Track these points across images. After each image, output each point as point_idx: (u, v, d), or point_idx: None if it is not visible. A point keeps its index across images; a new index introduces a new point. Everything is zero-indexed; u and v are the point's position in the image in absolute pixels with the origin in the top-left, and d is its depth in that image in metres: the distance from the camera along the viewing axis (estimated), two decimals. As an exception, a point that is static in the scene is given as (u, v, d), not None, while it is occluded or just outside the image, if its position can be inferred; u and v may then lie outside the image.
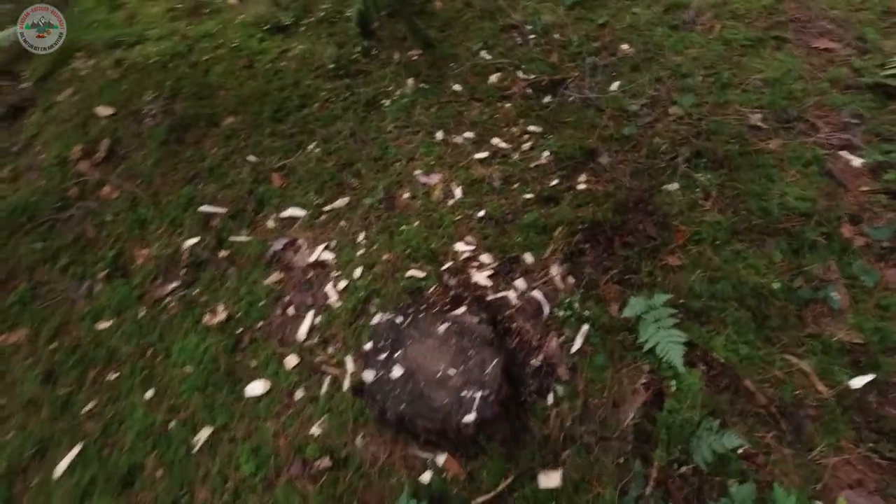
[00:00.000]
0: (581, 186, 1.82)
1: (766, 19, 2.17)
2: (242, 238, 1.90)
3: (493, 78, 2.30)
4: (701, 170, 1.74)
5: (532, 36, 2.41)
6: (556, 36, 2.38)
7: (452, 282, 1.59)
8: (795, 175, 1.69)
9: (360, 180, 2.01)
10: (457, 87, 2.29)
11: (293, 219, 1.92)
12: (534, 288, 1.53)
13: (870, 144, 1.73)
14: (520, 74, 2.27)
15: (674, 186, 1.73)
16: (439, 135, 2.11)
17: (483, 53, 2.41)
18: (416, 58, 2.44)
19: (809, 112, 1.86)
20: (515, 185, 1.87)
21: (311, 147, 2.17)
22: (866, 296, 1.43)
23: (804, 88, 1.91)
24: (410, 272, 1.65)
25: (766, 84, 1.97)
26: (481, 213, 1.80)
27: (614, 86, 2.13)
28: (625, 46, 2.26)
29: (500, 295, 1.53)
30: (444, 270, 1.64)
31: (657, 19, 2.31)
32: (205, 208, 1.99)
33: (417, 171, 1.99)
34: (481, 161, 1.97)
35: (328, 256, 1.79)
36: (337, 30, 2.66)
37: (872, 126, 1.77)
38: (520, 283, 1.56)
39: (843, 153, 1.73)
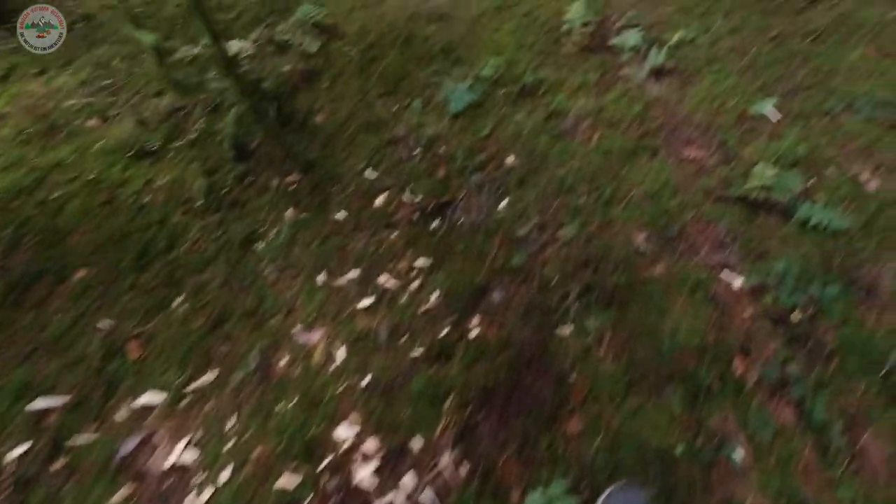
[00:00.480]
0: (473, 333, 1.65)
1: (639, 126, 2.17)
2: (85, 438, 1.55)
3: (379, 201, 2.13)
4: (592, 308, 1.63)
5: (417, 150, 2.28)
6: (442, 149, 2.27)
7: (332, 485, 1.33)
8: (683, 305, 1.62)
9: (232, 344, 1.73)
10: (340, 215, 2.09)
11: (150, 407, 1.59)
12: (424, 485, 1.32)
13: (745, 262, 1.70)
14: (406, 196, 2.11)
15: (567, 330, 1.60)
16: (321, 277, 1.88)
17: (368, 172, 2.24)
18: (296, 182, 2.23)
19: (689, 227, 1.82)
20: (404, 338, 1.67)
21: (177, 302, 1.87)
22: (767, 449, 1.33)
23: (681, 202, 1.89)
24: (284, 478, 1.37)
25: (646, 197, 1.93)
26: (366, 380, 1.57)
27: (502, 205, 2.02)
28: (510, 159, 2.17)
29: (385, 502, 1.29)
30: (323, 469, 1.38)
31: (539, 128, 2.25)
32: (39, 403, 1.62)
33: (297, 327, 1.75)
34: (367, 309, 1.76)
35: (190, 456, 1.48)
36: (210, 153, 2.40)
37: (745, 241, 1.75)
38: (408, 479, 1.33)
39: (724, 274, 1.69)
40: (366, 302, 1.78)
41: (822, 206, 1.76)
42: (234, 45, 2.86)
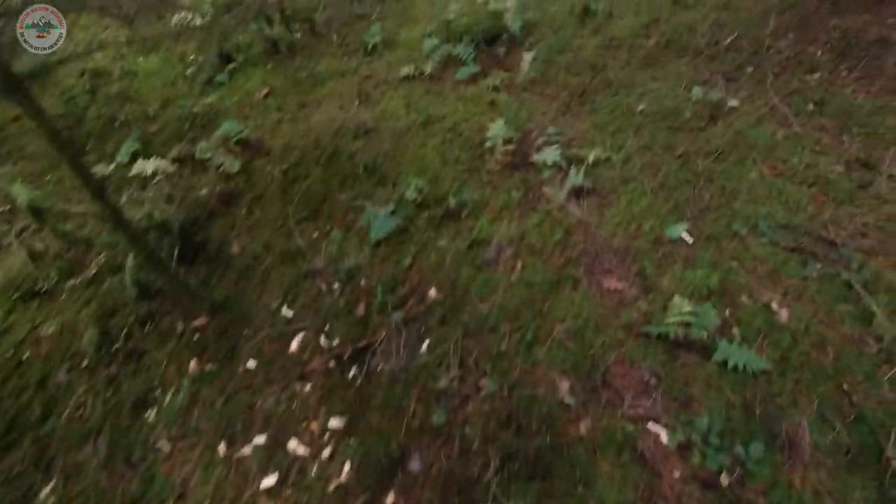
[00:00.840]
0: (387, 517, 1.46)
1: (561, 254, 2.14)
2: None
3: (294, 345, 1.96)
4: (515, 480, 1.49)
5: (336, 284, 2.15)
6: (363, 282, 2.15)
7: None
8: (611, 469, 1.50)
9: (104, 551, 1.46)
10: (250, 364, 1.90)
11: None
12: None
13: (671, 412, 1.62)
14: (322, 340, 1.96)
15: (488, 512, 1.44)
16: (222, 447, 1.66)
17: (283, 310, 2.08)
18: (203, 326, 2.03)
19: (612, 369, 1.75)
20: (309, 529, 1.46)
21: (44, 492, 1.59)
22: None
23: (603, 341, 1.82)
24: None
25: (569, 336, 1.85)
26: None
27: (423, 347, 1.89)
28: (432, 292, 2.07)
29: None
30: None
31: (462, 256, 2.19)
32: None
33: (186, 520, 1.50)
34: (270, 490, 1.55)
35: None
36: (111, 291, 2.18)
37: (668, 385, 1.69)
38: None
39: (651, 426, 1.60)
40: (270, 480, 1.57)
41: (739, 343, 1.74)
42: (150, 165, 2.72)
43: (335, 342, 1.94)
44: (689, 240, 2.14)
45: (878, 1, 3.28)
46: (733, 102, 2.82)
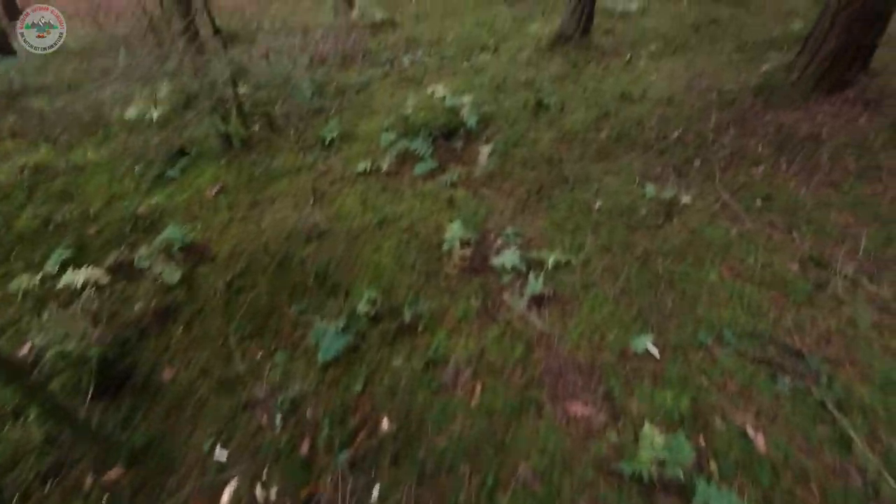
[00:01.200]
0: None
1: (522, 373, 2.00)
2: None
3: (225, 498, 1.69)
4: None
5: (279, 416, 1.92)
6: (308, 412, 1.93)
7: None
8: None
9: None
10: (169, 530, 1.61)
11: None
12: None
13: (653, 574, 1.43)
14: (258, 491, 1.70)
15: None
16: None
17: (217, 451, 1.83)
18: (118, 478, 1.75)
19: (585, 520, 1.56)
20: None
21: None
22: None
23: (573, 483, 1.64)
24: None
25: (535, 477, 1.67)
26: None
27: (374, 496, 1.66)
28: (385, 423, 1.87)
29: None
30: None
31: (417, 378, 2.01)
32: None
33: None
34: None
35: None
36: (13, 439, 1.88)
37: (648, 539, 1.50)
38: None
39: None
40: None
41: (718, 482, 1.59)
42: (81, 275, 2.50)
43: (273, 492, 1.68)
44: (656, 353, 2.04)
45: (805, 99, 3.51)
46: (686, 199, 2.86)
